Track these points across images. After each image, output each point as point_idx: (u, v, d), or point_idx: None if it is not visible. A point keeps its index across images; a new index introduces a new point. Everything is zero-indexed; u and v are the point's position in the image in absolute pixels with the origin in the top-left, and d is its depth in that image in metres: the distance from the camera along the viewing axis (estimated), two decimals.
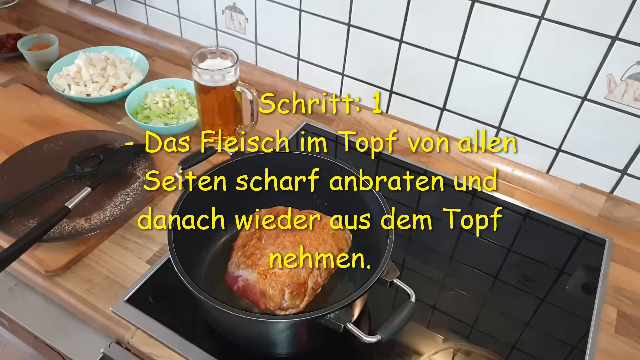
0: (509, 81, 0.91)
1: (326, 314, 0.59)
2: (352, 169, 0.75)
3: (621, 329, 0.77)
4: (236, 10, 1.14)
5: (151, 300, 0.75)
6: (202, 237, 0.77)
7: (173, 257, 0.63)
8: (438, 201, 0.95)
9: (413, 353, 0.71)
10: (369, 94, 1.08)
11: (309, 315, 0.59)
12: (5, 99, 1.07)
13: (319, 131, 1.08)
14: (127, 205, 0.86)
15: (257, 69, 1.20)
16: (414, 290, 0.63)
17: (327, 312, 0.58)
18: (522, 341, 0.74)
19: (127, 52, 1.20)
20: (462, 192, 0.97)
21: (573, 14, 0.79)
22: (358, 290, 0.61)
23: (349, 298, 0.60)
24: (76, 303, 0.75)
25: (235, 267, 0.71)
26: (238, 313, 0.58)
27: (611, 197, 0.93)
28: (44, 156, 0.93)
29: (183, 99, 1.07)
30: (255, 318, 0.60)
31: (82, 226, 0.81)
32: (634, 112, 0.83)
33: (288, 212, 0.77)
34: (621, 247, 0.88)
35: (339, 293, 0.75)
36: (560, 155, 0.94)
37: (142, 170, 0.92)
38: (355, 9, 0.98)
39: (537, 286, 0.82)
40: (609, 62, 0.80)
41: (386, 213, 0.69)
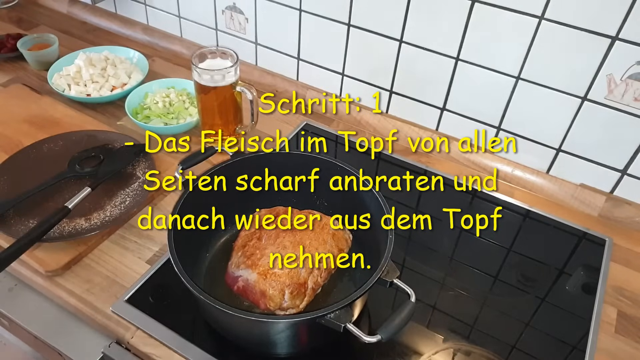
0: (509, 81, 0.91)
1: (326, 314, 0.59)
2: (352, 169, 0.75)
3: (621, 329, 0.77)
4: (236, 10, 1.14)
5: (151, 300, 0.75)
6: (202, 237, 0.77)
7: (173, 257, 0.63)
8: (438, 201, 0.95)
9: (413, 353, 0.71)
10: (369, 94, 1.08)
11: (309, 315, 0.59)
12: (5, 99, 1.07)
13: (319, 131, 1.08)
14: (127, 205, 0.86)
15: (257, 69, 1.20)
16: (414, 290, 0.63)
17: (327, 312, 0.58)
18: (522, 341, 0.74)
19: (127, 52, 1.20)
20: (462, 192, 0.97)
21: (573, 14, 0.79)
22: (358, 291, 0.61)
23: (349, 298, 0.60)
24: (76, 303, 0.75)
25: (235, 267, 0.71)
26: (238, 313, 0.58)
27: (611, 197, 0.93)
28: (44, 156, 0.93)
29: (183, 99, 1.07)
30: (255, 318, 0.60)
31: (82, 226, 0.81)
32: (634, 112, 0.83)
33: (288, 212, 0.77)
34: (621, 247, 0.88)
35: (339, 293, 0.75)
36: (560, 155, 0.94)
37: (142, 170, 0.92)
38: (355, 9, 0.98)
39: (537, 286, 0.82)
40: (609, 62, 0.80)
41: (386, 213, 0.69)
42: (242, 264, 0.70)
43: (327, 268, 0.71)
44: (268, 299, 0.68)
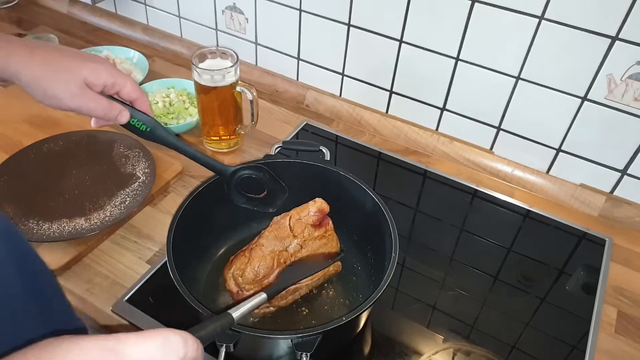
0: (509, 81, 0.91)
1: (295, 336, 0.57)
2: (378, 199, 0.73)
3: (621, 329, 0.77)
4: (236, 10, 1.14)
5: (151, 300, 0.75)
6: (217, 234, 0.79)
7: (168, 243, 0.64)
8: (438, 201, 0.95)
9: (413, 353, 0.71)
10: (369, 94, 1.08)
11: (279, 335, 0.57)
12: (5, 99, 1.07)
13: (319, 131, 1.08)
14: (127, 205, 0.86)
15: (257, 69, 1.20)
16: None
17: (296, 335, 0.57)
18: (522, 341, 0.74)
19: (127, 52, 1.20)
20: (462, 192, 0.97)
21: (573, 14, 0.79)
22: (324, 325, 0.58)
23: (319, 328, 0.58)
24: (76, 303, 0.75)
25: (235, 282, 0.71)
26: (208, 312, 0.58)
27: (611, 197, 0.93)
28: (44, 156, 0.93)
29: (183, 99, 1.07)
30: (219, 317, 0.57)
31: (82, 226, 0.81)
32: (634, 112, 0.83)
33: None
34: (621, 247, 0.88)
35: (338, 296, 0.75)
36: (560, 155, 0.94)
37: (142, 170, 0.92)
38: (355, 9, 0.98)
39: (537, 286, 0.82)
40: (609, 62, 0.80)
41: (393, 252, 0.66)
42: (239, 278, 0.70)
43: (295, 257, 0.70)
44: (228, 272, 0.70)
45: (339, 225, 0.75)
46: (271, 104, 1.14)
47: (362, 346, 0.72)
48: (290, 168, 0.77)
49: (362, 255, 0.78)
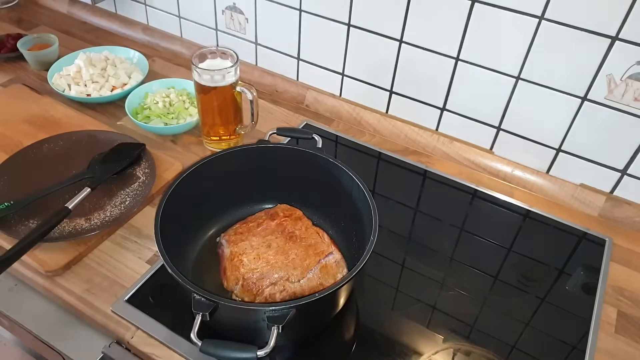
0: (509, 81, 0.91)
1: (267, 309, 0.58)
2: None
3: (621, 329, 0.77)
4: (236, 10, 1.14)
5: (151, 300, 0.75)
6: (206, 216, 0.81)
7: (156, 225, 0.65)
8: (438, 201, 0.95)
9: (413, 353, 0.71)
10: (369, 94, 1.08)
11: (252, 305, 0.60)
12: (5, 99, 1.07)
13: (319, 131, 1.08)
14: (127, 205, 0.86)
15: (257, 69, 1.20)
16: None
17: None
18: (522, 341, 0.74)
19: (127, 52, 1.20)
20: (462, 192, 0.97)
21: (573, 14, 0.79)
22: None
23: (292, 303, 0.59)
24: (76, 303, 0.75)
25: (225, 235, 0.76)
26: (191, 287, 0.59)
27: (611, 197, 0.93)
28: (44, 156, 0.93)
29: (183, 99, 1.07)
30: (218, 301, 0.59)
31: (82, 226, 0.81)
32: (634, 112, 0.83)
33: (303, 220, 0.78)
34: (621, 247, 0.88)
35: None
36: (560, 155, 0.94)
37: (142, 170, 0.92)
38: (355, 9, 0.98)
39: (537, 286, 0.82)
40: (609, 62, 0.80)
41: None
42: (229, 236, 0.74)
43: (291, 293, 0.70)
44: (225, 278, 0.72)
45: (328, 211, 0.76)
46: (271, 104, 1.14)
47: (362, 346, 0.72)
48: (281, 152, 0.80)
49: (348, 241, 0.79)
